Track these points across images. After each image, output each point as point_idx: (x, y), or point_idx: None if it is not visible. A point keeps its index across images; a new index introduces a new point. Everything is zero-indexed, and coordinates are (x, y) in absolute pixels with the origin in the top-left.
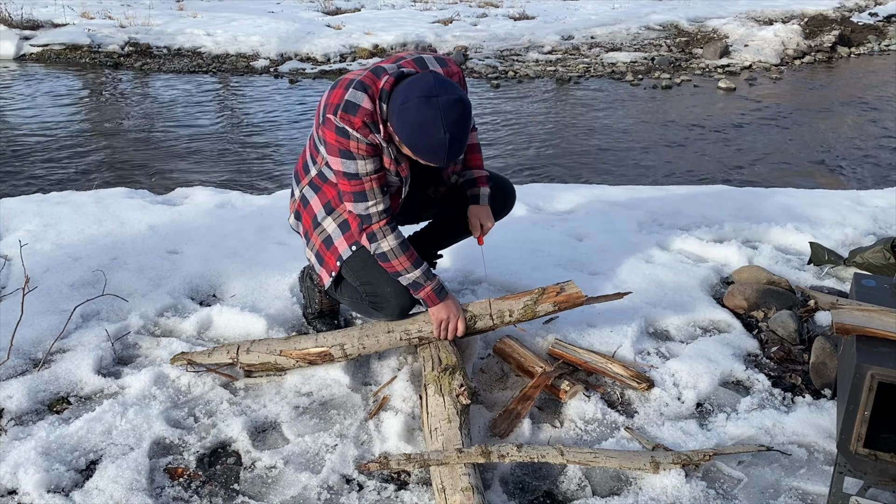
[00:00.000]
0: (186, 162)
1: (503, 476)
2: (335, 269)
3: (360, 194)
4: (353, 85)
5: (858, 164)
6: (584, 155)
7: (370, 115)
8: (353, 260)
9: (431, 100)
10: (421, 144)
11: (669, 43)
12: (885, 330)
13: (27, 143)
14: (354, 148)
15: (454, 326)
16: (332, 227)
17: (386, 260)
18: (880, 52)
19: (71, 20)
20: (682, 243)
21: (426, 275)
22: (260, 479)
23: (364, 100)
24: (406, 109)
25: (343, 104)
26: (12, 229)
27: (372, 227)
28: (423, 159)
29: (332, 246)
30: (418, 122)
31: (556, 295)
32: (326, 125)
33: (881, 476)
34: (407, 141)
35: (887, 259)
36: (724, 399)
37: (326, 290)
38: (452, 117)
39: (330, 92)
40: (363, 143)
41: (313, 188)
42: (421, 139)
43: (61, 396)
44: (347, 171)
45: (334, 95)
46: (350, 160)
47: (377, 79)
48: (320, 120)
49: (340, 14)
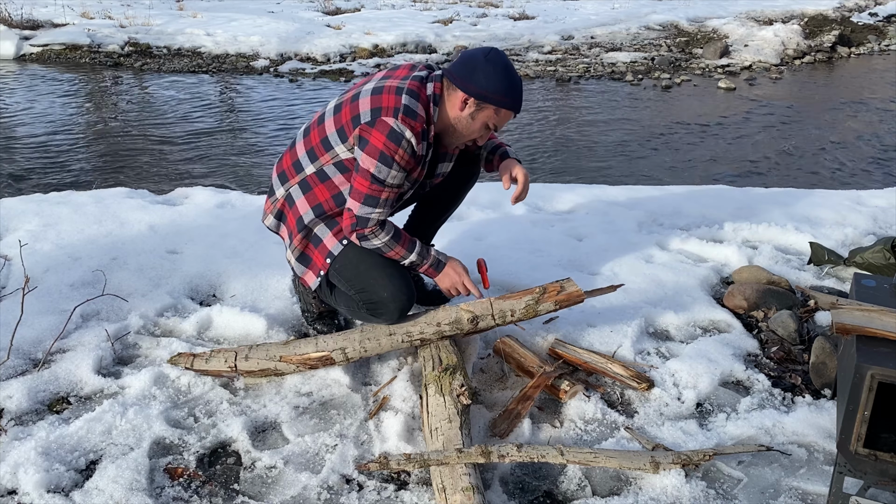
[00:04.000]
0: (186, 162)
1: (503, 476)
2: (325, 268)
3: (372, 199)
4: (405, 92)
5: (858, 163)
6: (584, 155)
7: (425, 123)
8: (343, 265)
9: (500, 52)
10: (511, 87)
11: (669, 43)
12: (885, 330)
13: (27, 143)
14: (399, 157)
15: (462, 287)
16: (320, 228)
17: (381, 252)
18: (880, 52)
19: (71, 20)
20: (682, 243)
21: (421, 254)
22: (260, 479)
23: (419, 108)
24: (488, 60)
25: (403, 109)
26: (12, 229)
27: (364, 230)
28: (509, 105)
29: (321, 244)
30: (503, 65)
31: (556, 294)
32: (378, 127)
33: (881, 476)
34: (500, 87)
35: (887, 259)
36: (724, 399)
37: (321, 297)
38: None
39: (375, 97)
40: (409, 153)
41: (303, 188)
42: (511, 82)
43: (61, 396)
44: (376, 175)
45: (387, 100)
46: (386, 167)
47: (423, 87)
48: (364, 121)
49: (340, 14)
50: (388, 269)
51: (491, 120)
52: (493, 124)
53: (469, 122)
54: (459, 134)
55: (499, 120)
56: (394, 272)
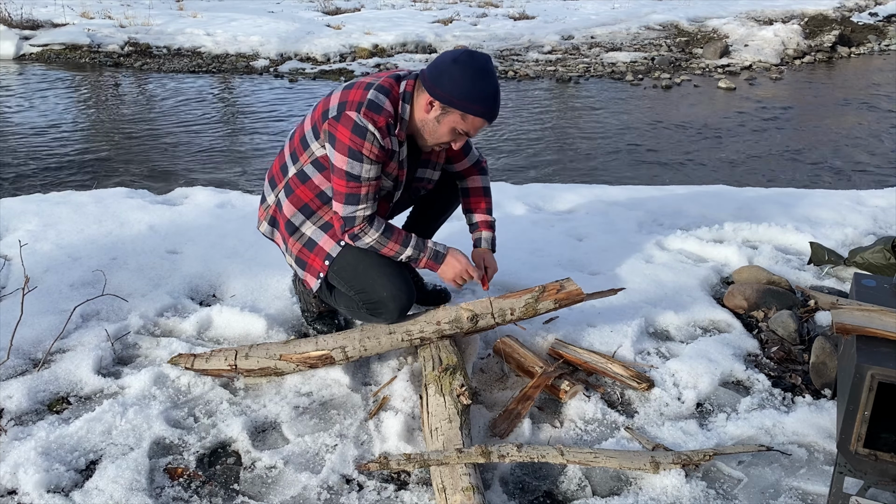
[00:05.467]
0: (186, 162)
1: (503, 476)
2: (323, 270)
3: (353, 196)
4: (374, 87)
5: (858, 163)
6: (584, 154)
7: (392, 118)
8: (342, 267)
9: (474, 55)
10: (479, 92)
11: (669, 43)
12: (885, 330)
13: (27, 143)
14: (367, 150)
15: (467, 275)
16: (312, 230)
17: (375, 250)
18: (880, 52)
19: (71, 20)
20: (682, 243)
21: (417, 247)
22: (260, 479)
23: (386, 103)
24: (456, 63)
25: (367, 103)
26: (12, 229)
27: (353, 230)
28: (478, 112)
29: (317, 247)
30: (473, 70)
31: (556, 292)
32: (343, 122)
33: (881, 476)
34: (464, 92)
35: (887, 259)
36: (724, 399)
37: (321, 298)
38: (495, 71)
39: (345, 91)
40: (376, 146)
41: (287, 192)
42: (479, 87)
43: (61, 396)
44: (350, 172)
45: (354, 94)
46: (357, 161)
47: (396, 84)
48: (332, 115)
49: (340, 14)
50: (386, 268)
51: (459, 125)
52: (463, 130)
53: (435, 126)
54: (427, 136)
55: (468, 126)
56: (392, 272)
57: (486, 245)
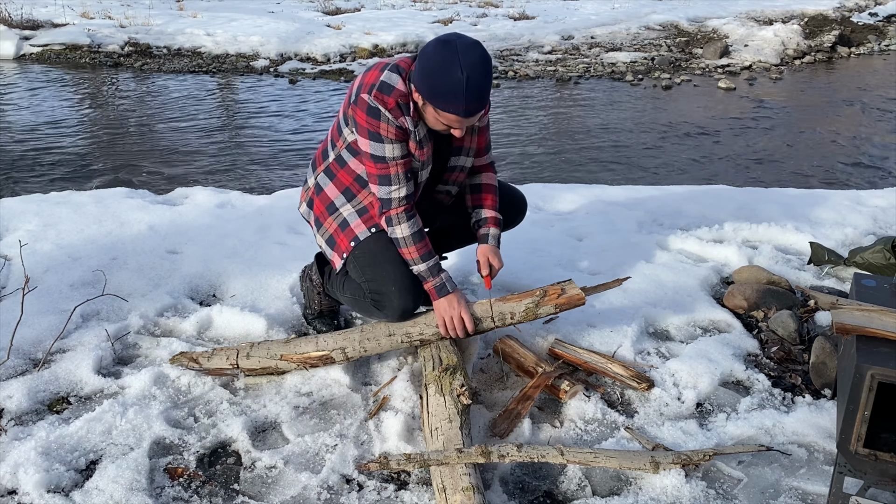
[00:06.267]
0: (186, 162)
1: (503, 476)
2: (347, 251)
3: (385, 178)
4: (388, 67)
5: (858, 163)
6: (584, 155)
7: (403, 97)
8: (363, 253)
9: (448, 43)
10: (439, 86)
11: (669, 43)
12: (885, 330)
13: (27, 143)
14: (384, 131)
15: (458, 324)
16: (349, 212)
17: (398, 246)
18: (880, 52)
19: (71, 20)
20: (682, 243)
21: (431, 270)
22: (260, 479)
23: (398, 82)
24: (424, 54)
25: (378, 84)
26: (12, 229)
27: (390, 212)
28: (444, 107)
29: (348, 228)
30: (435, 62)
31: (557, 297)
32: (359, 105)
33: (881, 476)
34: (425, 86)
35: (887, 259)
36: (724, 399)
37: (328, 292)
38: (471, 58)
39: (365, 73)
40: (392, 125)
41: (328, 175)
42: (440, 80)
43: (61, 396)
44: (375, 154)
45: (370, 76)
46: (378, 143)
47: (412, 63)
48: (352, 100)
49: (340, 14)
50: (403, 267)
51: (438, 117)
52: (444, 122)
53: (426, 113)
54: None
55: (446, 119)
56: (407, 271)
57: (493, 242)
